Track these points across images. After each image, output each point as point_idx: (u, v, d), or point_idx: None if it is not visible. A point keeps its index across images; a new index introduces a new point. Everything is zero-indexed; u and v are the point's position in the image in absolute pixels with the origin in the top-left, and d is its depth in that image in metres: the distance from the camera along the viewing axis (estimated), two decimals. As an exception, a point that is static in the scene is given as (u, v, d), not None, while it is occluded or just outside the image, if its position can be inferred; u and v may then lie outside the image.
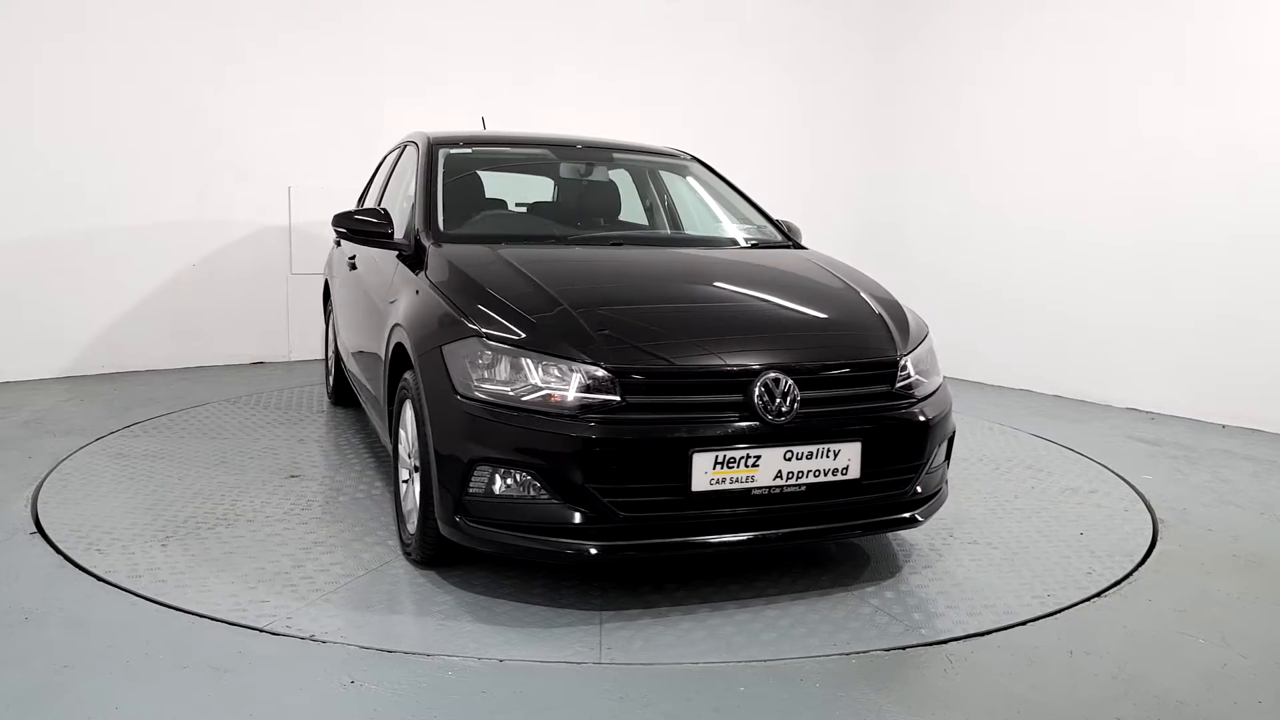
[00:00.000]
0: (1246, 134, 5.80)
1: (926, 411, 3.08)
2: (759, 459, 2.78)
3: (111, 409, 5.36)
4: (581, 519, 2.74)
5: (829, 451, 2.86)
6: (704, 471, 2.73)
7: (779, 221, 4.36)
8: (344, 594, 3.00)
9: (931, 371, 3.25)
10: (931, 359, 3.30)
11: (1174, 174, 6.17)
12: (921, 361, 3.21)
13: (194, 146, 6.49)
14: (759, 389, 2.81)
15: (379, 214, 3.77)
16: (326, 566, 3.21)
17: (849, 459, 2.89)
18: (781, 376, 2.84)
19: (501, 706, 2.37)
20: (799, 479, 2.83)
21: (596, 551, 2.76)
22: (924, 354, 3.25)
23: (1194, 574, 3.41)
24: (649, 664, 2.61)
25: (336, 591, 3.01)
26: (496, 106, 7.15)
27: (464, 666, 2.56)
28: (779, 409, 2.81)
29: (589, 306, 3.00)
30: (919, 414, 3.06)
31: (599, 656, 2.64)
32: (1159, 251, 6.24)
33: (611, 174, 4.60)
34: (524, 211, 4.38)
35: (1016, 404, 6.43)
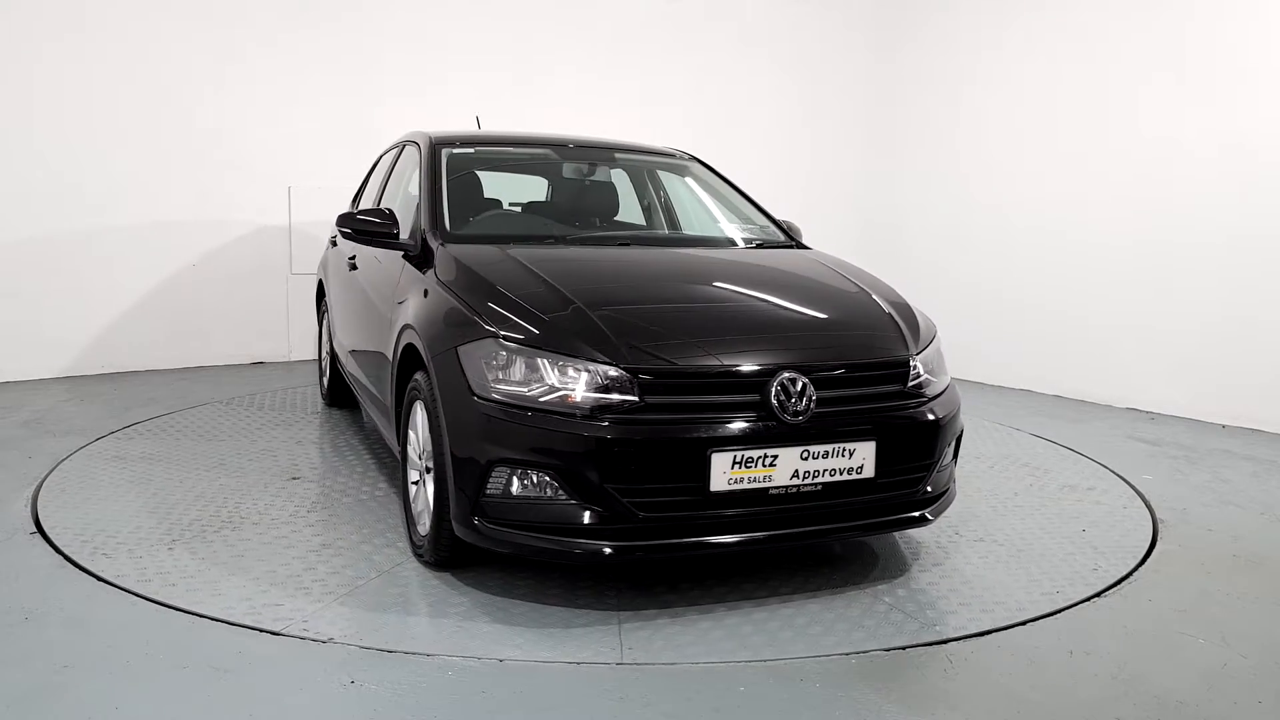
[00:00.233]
0: (1246, 134, 5.80)
1: (937, 410, 3.11)
2: (776, 459, 2.79)
3: (111, 409, 5.36)
4: (600, 519, 2.73)
5: (844, 451, 2.87)
6: (722, 471, 2.74)
7: (780, 221, 4.37)
8: (359, 596, 2.98)
9: (940, 371, 3.27)
10: (940, 358, 3.32)
11: (1174, 174, 6.16)
12: (931, 361, 3.24)
13: (194, 146, 6.49)
14: (775, 389, 2.82)
15: (384, 214, 3.75)
16: (338, 569, 3.19)
17: (864, 458, 2.90)
18: (797, 376, 2.85)
19: (501, 706, 2.37)
20: (815, 478, 2.85)
21: (615, 551, 2.76)
22: (933, 354, 3.28)
23: (1194, 574, 3.41)
24: (671, 664, 2.61)
25: (351, 594, 2.99)
26: (496, 107, 7.14)
27: (464, 666, 2.56)
28: (796, 409, 2.82)
29: (603, 306, 3.00)
30: (930, 413, 3.08)
31: (620, 657, 2.64)
32: (1159, 251, 6.24)
33: (614, 174, 4.60)
34: (528, 211, 4.38)
35: (1016, 404, 6.43)
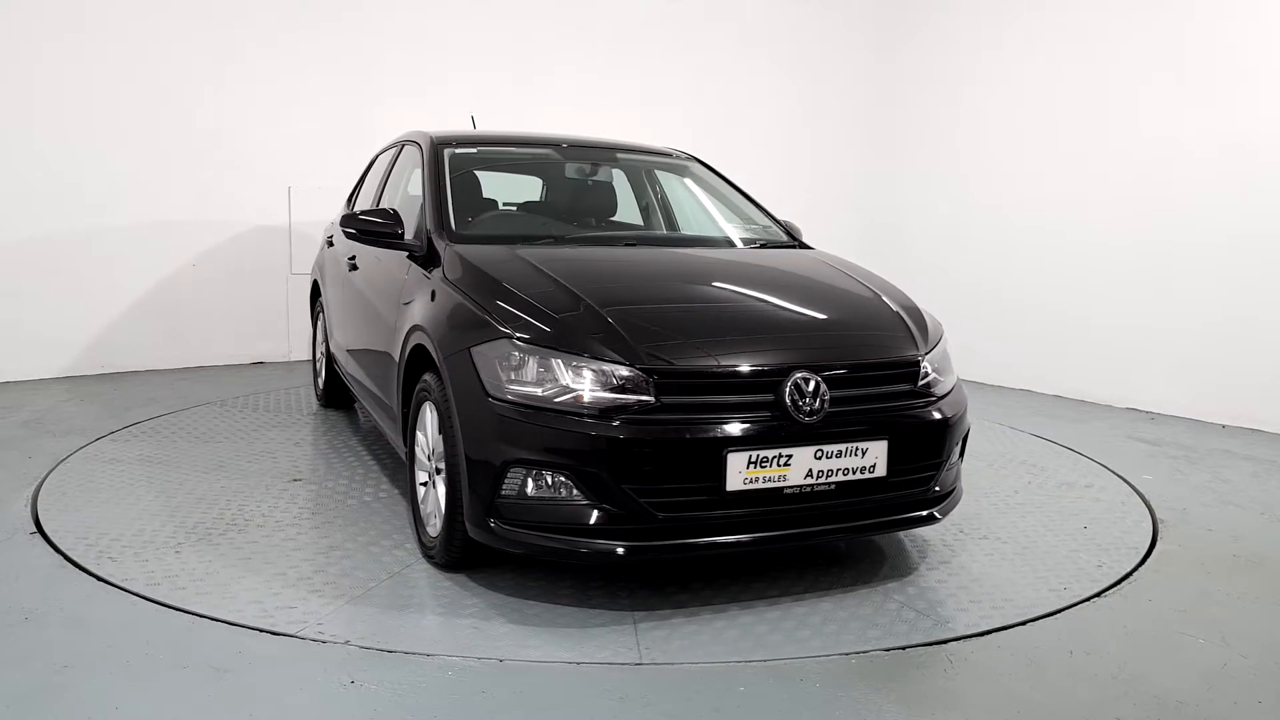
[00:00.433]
0: (1246, 134, 5.80)
1: (946, 410, 3.13)
2: (790, 458, 2.80)
3: (111, 409, 5.35)
4: (617, 519, 2.73)
5: (857, 450, 2.89)
6: (738, 471, 2.75)
7: (782, 221, 4.37)
8: (372, 599, 2.97)
9: (947, 370, 3.29)
10: (947, 358, 3.34)
11: (1174, 174, 6.16)
12: (939, 360, 3.26)
13: (194, 146, 6.49)
14: (789, 389, 2.83)
15: (388, 214, 3.73)
16: (348, 571, 3.18)
17: (876, 457, 2.92)
18: (811, 376, 2.86)
19: (501, 706, 2.37)
20: (828, 477, 2.86)
21: (631, 552, 2.76)
22: (941, 353, 3.30)
23: (1194, 574, 3.41)
24: (690, 664, 2.61)
25: (364, 596, 2.98)
26: (496, 107, 7.15)
27: (464, 666, 2.56)
28: (810, 408, 2.83)
29: (614, 306, 3.00)
30: (940, 412, 3.10)
31: (639, 658, 2.64)
32: (1159, 251, 6.24)
33: (615, 174, 4.60)
34: (530, 211, 4.37)
35: (1016, 404, 6.43)
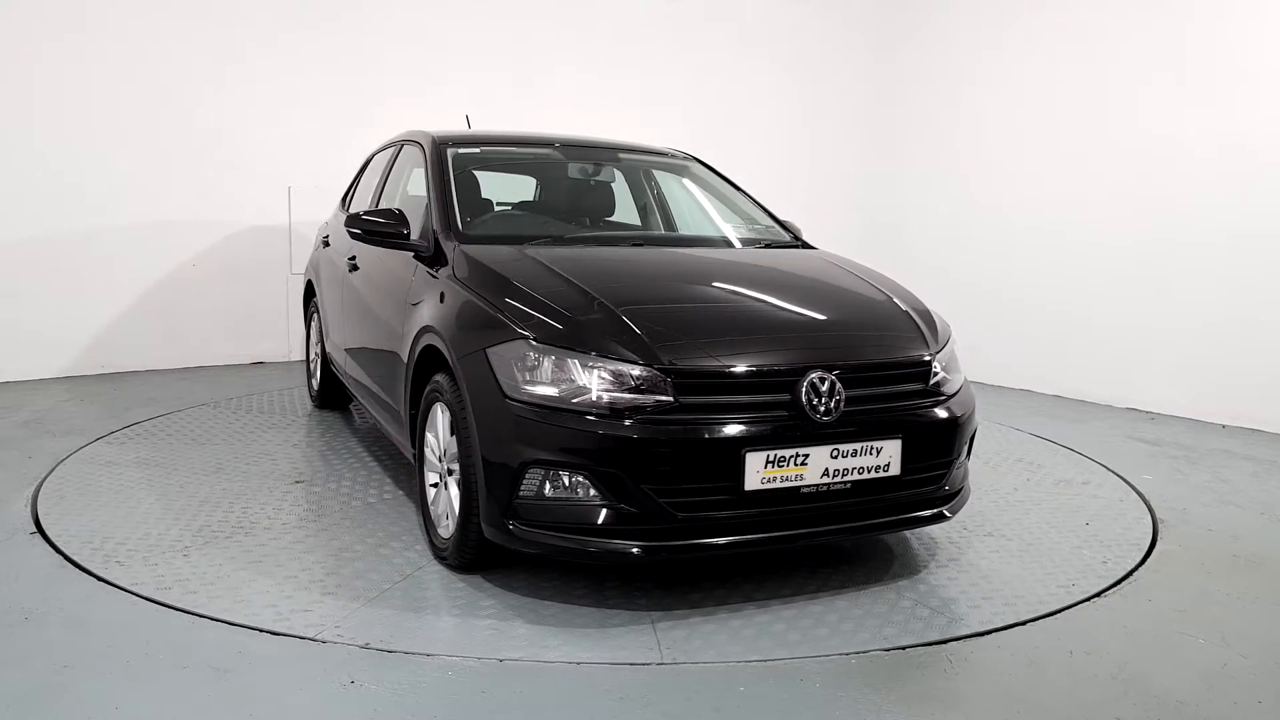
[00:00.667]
0: (1247, 134, 5.80)
1: (956, 409, 3.15)
2: (807, 457, 2.81)
3: (111, 409, 5.35)
4: (636, 520, 2.74)
5: (872, 449, 2.90)
6: (756, 471, 2.76)
7: (783, 221, 4.38)
8: (388, 600, 2.96)
9: (955, 369, 3.31)
10: (955, 358, 3.36)
11: (1174, 174, 6.16)
12: (948, 360, 3.28)
13: (194, 146, 6.49)
14: (805, 388, 2.84)
15: (394, 214, 3.71)
16: (361, 573, 3.16)
17: (890, 456, 2.94)
18: (826, 375, 2.87)
19: (501, 706, 2.37)
20: (844, 476, 2.87)
21: (650, 552, 2.77)
22: (949, 353, 3.32)
23: (1194, 574, 3.41)
24: (710, 663, 2.62)
25: (379, 598, 2.97)
26: (496, 107, 7.16)
27: (464, 666, 2.56)
28: (826, 408, 2.84)
29: (629, 305, 3.00)
30: (950, 411, 3.12)
31: (660, 657, 2.64)
32: (1159, 251, 6.24)
33: (618, 174, 4.60)
34: (534, 211, 4.36)
35: (1016, 404, 6.43)
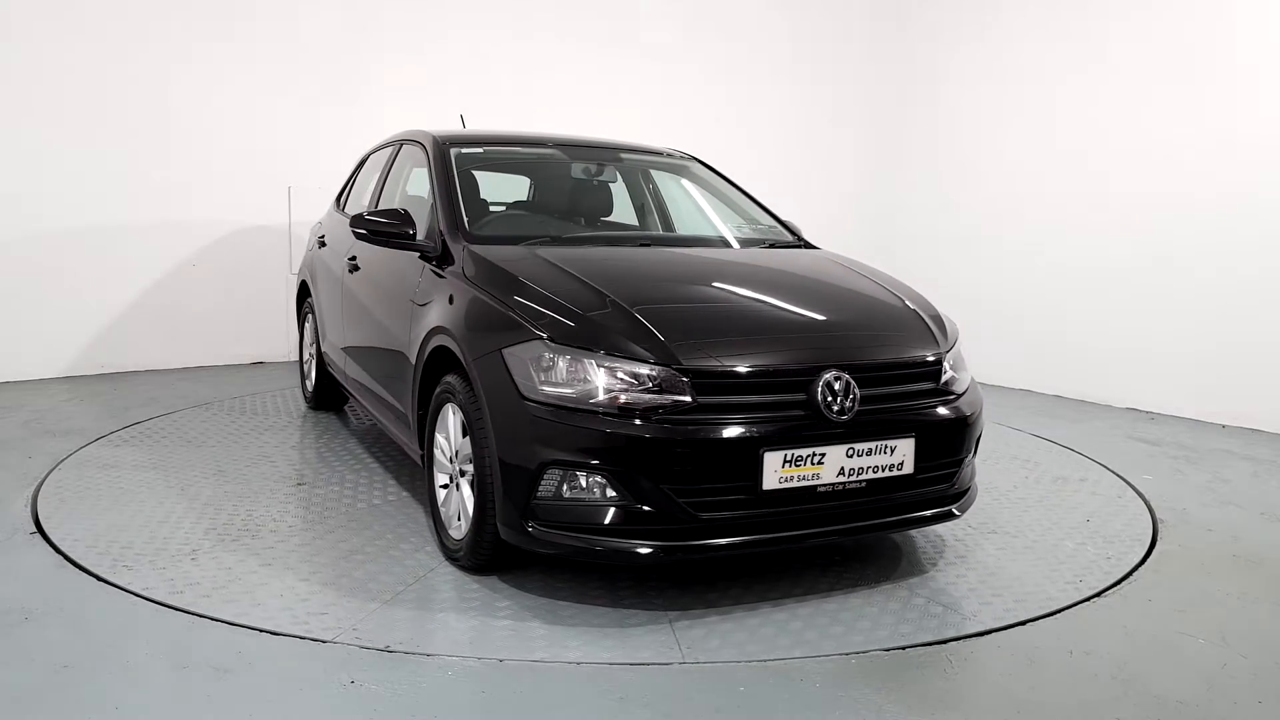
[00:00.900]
0: (1246, 134, 5.80)
1: (965, 407, 3.17)
2: (824, 457, 2.83)
3: (111, 409, 5.35)
4: (655, 520, 2.74)
5: (886, 448, 2.92)
6: (774, 470, 2.76)
7: (786, 222, 4.40)
8: (404, 602, 2.95)
9: (963, 369, 3.33)
10: (962, 357, 3.38)
11: (1174, 174, 6.16)
12: (956, 359, 3.30)
13: (194, 146, 6.48)
14: (821, 388, 2.85)
15: (399, 214, 3.69)
16: (374, 575, 3.15)
17: (904, 455, 2.95)
18: (842, 375, 2.88)
19: (501, 706, 2.37)
20: (859, 475, 2.89)
21: (670, 552, 2.77)
22: (957, 352, 3.34)
23: (1194, 574, 3.42)
24: (732, 662, 2.62)
25: (395, 600, 2.96)
26: (496, 107, 7.15)
27: (464, 666, 2.56)
28: (842, 407, 2.85)
29: (643, 305, 3.00)
30: (961, 409, 3.15)
31: (682, 656, 2.65)
32: (1159, 251, 6.24)
33: (621, 174, 4.60)
34: (539, 211, 4.36)
35: (1016, 404, 6.43)
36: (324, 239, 5.25)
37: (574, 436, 2.72)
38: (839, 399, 2.85)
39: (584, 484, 2.76)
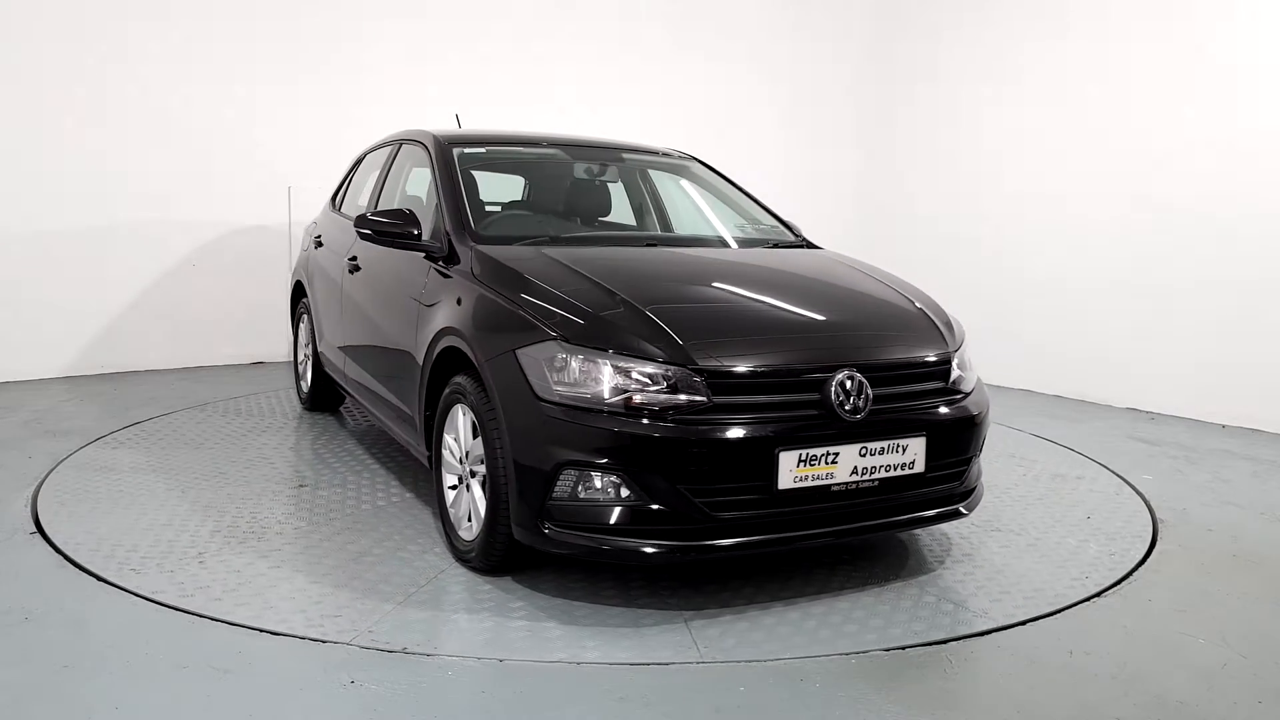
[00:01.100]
0: (1247, 134, 5.80)
1: (973, 407, 3.19)
2: (837, 456, 2.84)
3: (111, 409, 5.35)
4: (671, 520, 2.74)
5: (898, 447, 2.94)
6: (789, 470, 2.78)
7: (787, 221, 4.40)
8: (417, 603, 2.95)
9: (969, 368, 3.34)
10: (968, 357, 3.39)
11: (1174, 174, 6.16)
12: (964, 358, 3.31)
13: (194, 146, 6.48)
14: (834, 387, 2.85)
15: (405, 215, 3.67)
16: (385, 577, 3.14)
17: (915, 454, 2.97)
18: (855, 374, 2.89)
19: (501, 706, 2.37)
20: (872, 474, 2.91)
21: (686, 552, 2.77)
22: (964, 352, 3.35)
23: (1194, 574, 3.42)
24: (749, 661, 2.63)
25: (407, 602, 2.96)
26: (496, 106, 7.15)
27: (464, 666, 2.56)
28: (855, 406, 2.87)
29: (655, 305, 3.00)
30: (969, 409, 3.17)
31: (700, 656, 2.65)
32: (1160, 251, 6.24)
33: (623, 174, 4.60)
34: (542, 211, 4.35)
35: (1016, 404, 6.43)
36: (320, 239, 5.22)
37: (591, 437, 2.72)
38: (852, 398, 2.87)
39: (600, 485, 2.75)
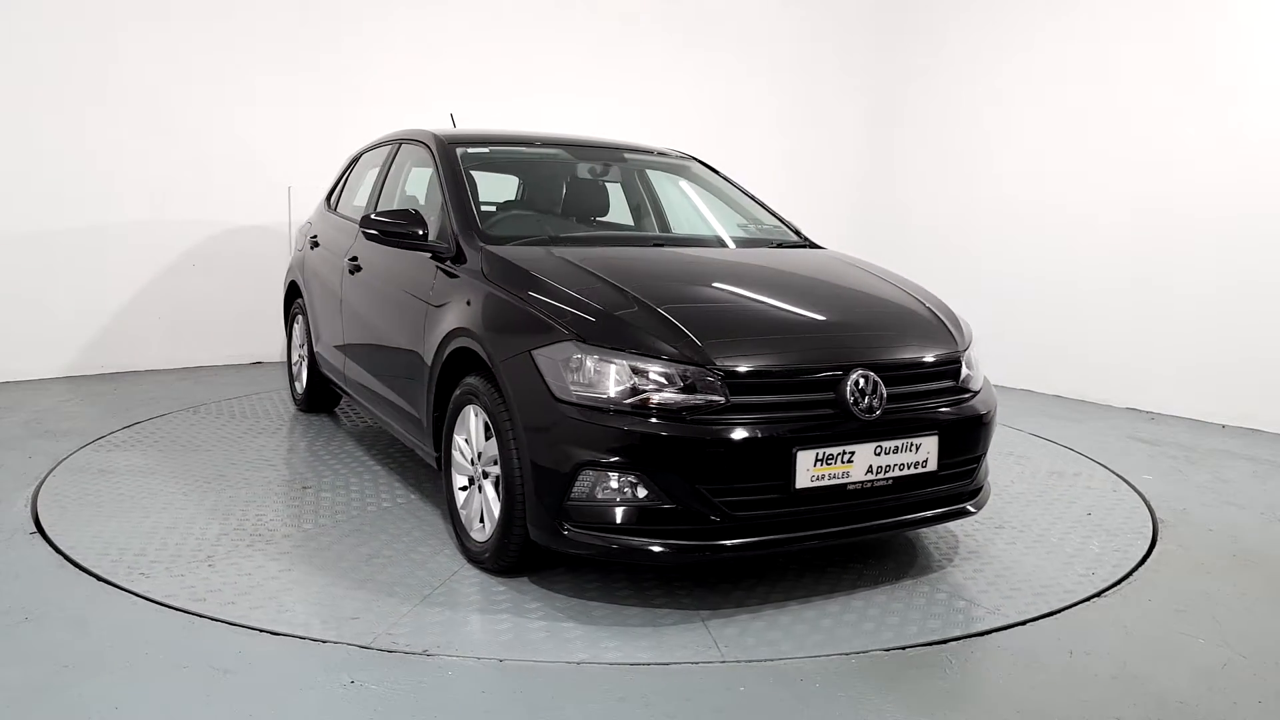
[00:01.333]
0: (1247, 134, 5.80)
1: (982, 405, 3.21)
2: (853, 455, 2.86)
3: (111, 409, 5.35)
4: (690, 519, 2.74)
5: (912, 446, 2.96)
6: (806, 469, 2.79)
7: (789, 222, 4.41)
8: (434, 605, 2.93)
9: (977, 367, 3.36)
10: (975, 356, 3.40)
11: (1174, 174, 6.16)
12: (972, 358, 3.34)
13: (194, 146, 6.48)
14: (849, 387, 2.87)
15: (410, 215, 3.65)
16: (399, 578, 3.12)
17: (928, 452, 2.99)
18: (869, 374, 2.91)
19: (501, 706, 2.37)
20: (886, 473, 2.92)
21: (705, 551, 2.78)
22: (973, 351, 3.37)
23: (1194, 574, 3.42)
24: (769, 660, 2.64)
25: (424, 603, 2.94)
26: (496, 106, 7.15)
27: (464, 666, 2.56)
28: (869, 405, 2.88)
29: (670, 305, 3.00)
30: (978, 407, 3.19)
31: (721, 655, 2.66)
32: (1160, 252, 6.24)
33: (624, 174, 4.60)
34: (546, 211, 4.34)
35: (1016, 404, 6.42)
36: (316, 240, 5.17)
37: (609, 437, 2.71)
38: (867, 398, 2.88)
39: (619, 485, 2.75)
